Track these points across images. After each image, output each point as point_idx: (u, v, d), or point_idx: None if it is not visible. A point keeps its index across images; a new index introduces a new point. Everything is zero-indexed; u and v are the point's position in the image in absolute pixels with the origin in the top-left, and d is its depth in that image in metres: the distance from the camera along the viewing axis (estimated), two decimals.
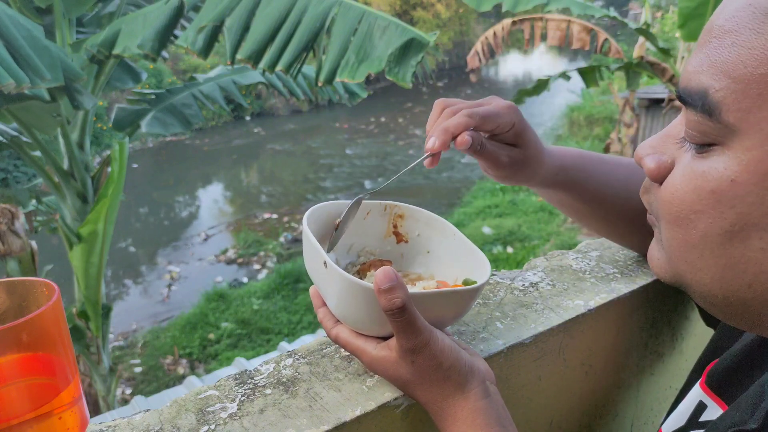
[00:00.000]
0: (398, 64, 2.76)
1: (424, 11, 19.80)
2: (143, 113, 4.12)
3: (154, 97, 4.30)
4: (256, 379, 0.60)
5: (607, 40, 4.98)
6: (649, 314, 0.82)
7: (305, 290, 6.72)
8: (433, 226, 0.69)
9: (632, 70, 5.35)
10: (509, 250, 7.31)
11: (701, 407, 0.55)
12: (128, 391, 5.53)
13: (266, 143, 13.50)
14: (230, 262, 7.98)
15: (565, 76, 5.37)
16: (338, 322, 0.59)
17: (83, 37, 3.72)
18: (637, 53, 5.57)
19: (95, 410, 3.91)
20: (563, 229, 7.69)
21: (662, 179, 0.46)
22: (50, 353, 0.46)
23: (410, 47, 2.78)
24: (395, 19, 2.93)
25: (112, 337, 6.19)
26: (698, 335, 0.90)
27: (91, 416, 1.32)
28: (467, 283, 0.62)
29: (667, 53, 5.33)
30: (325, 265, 0.55)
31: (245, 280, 7.47)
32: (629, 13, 18.46)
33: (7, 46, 2.57)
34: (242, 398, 0.57)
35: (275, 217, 9.27)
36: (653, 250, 0.51)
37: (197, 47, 2.87)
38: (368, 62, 2.78)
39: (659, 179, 0.47)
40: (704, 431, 0.50)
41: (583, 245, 0.92)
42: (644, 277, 0.80)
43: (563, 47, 5.20)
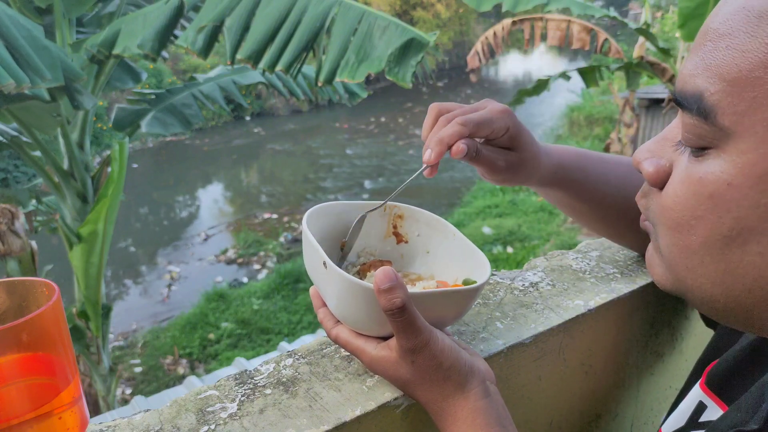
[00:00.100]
0: (398, 64, 2.76)
1: (424, 11, 19.80)
2: (143, 113, 4.12)
3: (154, 97, 4.30)
4: (256, 379, 0.60)
5: (607, 40, 4.98)
6: (649, 314, 0.82)
7: (305, 290, 6.72)
8: (432, 226, 0.69)
9: (632, 70, 5.35)
10: (509, 250, 7.31)
11: (701, 407, 0.55)
12: (128, 391, 5.53)
13: (266, 143, 13.50)
14: (230, 262, 7.98)
15: (565, 76, 5.37)
16: (338, 322, 0.59)
17: (83, 37, 3.72)
18: (637, 53, 5.57)
19: (95, 410, 3.91)
20: (563, 229, 7.69)
21: (661, 183, 0.46)
22: (50, 353, 0.46)
23: (410, 47, 2.78)
24: (395, 19, 2.93)
25: (112, 337, 6.19)
26: (698, 335, 0.90)
27: (91, 416, 1.32)
28: (467, 283, 0.62)
29: (667, 53, 5.33)
30: (324, 265, 0.55)
31: (245, 280, 7.47)
32: (629, 13, 18.46)
33: (7, 46, 2.57)
34: (242, 398, 0.57)
35: (275, 217, 9.27)
36: (652, 258, 0.51)
37: (197, 47, 2.87)
38: (368, 62, 2.78)
39: (658, 184, 0.47)
40: None
41: (583, 245, 0.92)
42: (644, 277, 0.80)
43: (563, 47, 5.20)
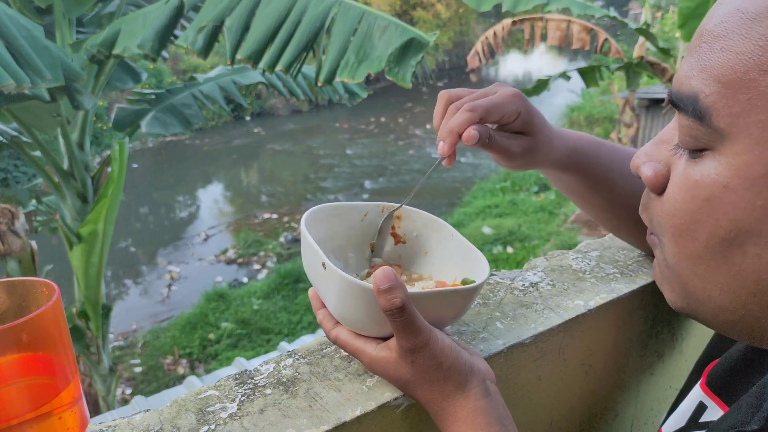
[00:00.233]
0: (398, 64, 2.76)
1: (424, 11, 19.80)
2: (143, 113, 4.12)
3: (154, 97, 4.30)
4: (256, 379, 0.60)
5: (607, 40, 4.98)
6: (649, 314, 0.82)
7: (305, 290, 6.71)
8: (430, 226, 0.69)
9: (632, 70, 5.35)
10: (509, 250, 7.31)
11: (701, 408, 0.55)
12: (128, 391, 5.53)
13: (266, 143, 13.50)
14: (230, 262, 7.98)
15: (565, 76, 5.37)
16: (338, 323, 0.59)
17: (83, 37, 3.72)
18: (637, 53, 5.57)
19: (95, 410, 3.91)
20: (563, 229, 7.68)
21: (660, 188, 0.46)
22: (50, 353, 0.46)
23: (410, 47, 2.78)
24: (395, 19, 2.93)
25: (112, 337, 6.19)
26: (698, 335, 0.90)
27: (91, 416, 1.31)
28: (466, 282, 0.62)
29: (667, 53, 5.33)
30: (323, 266, 0.54)
31: (245, 280, 7.47)
32: (629, 13, 18.45)
33: (7, 46, 2.57)
34: (242, 398, 0.57)
35: (275, 217, 9.26)
36: (660, 272, 0.51)
37: (197, 47, 2.87)
38: (368, 62, 2.78)
39: (657, 188, 0.47)
40: None
41: (583, 245, 0.92)
42: (644, 277, 0.80)
43: (563, 47, 5.20)
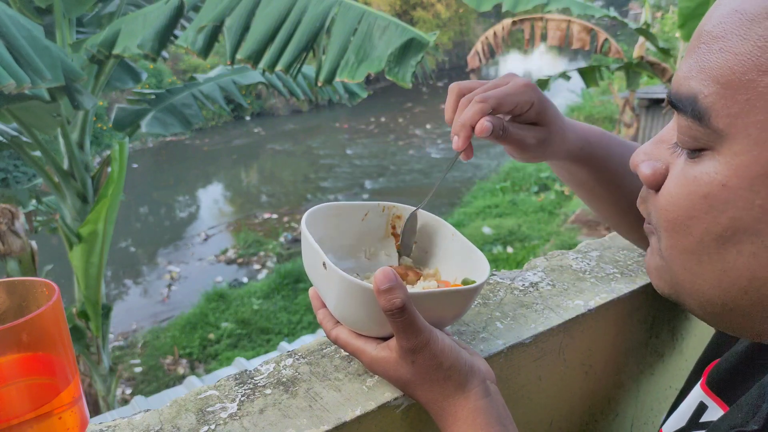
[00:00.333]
0: (398, 64, 2.76)
1: (424, 11, 19.80)
2: (143, 113, 4.12)
3: (154, 97, 4.30)
4: (256, 379, 0.60)
5: (607, 40, 4.98)
6: (649, 314, 0.82)
7: (305, 290, 6.71)
8: (431, 226, 0.69)
9: (632, 70, 5.35)
10: (509, 250, 7.30)
11: (702, 408, 0.55)
12: (128, 391, 5.53)
13: (266, 143, 13.50)
14: (230, 262, 7.98)
15: (565, 76, 5.37)
16: (338, 323, 0.59)
17: (83, 37, 3.72)
18: (637, 53, 5.57)
19: (95, 410, 3.91)
20: (563, 229, 7.68)
21: (658, 185, 0.47)
22: (50, 353, 0.46)
23: (410, 47, 2.78)
24: (395, 19, 2.93)
25: (112, 337, 6.19)
26: (698, 335, 0.90)
27: (91, 416, 1.32)
28: (466, 282, 0.62)
29: (667, 53, 5.33)
30: (324, 266, 0.55)
31: (245, 280, 7.47)
32: (629, 13, 18.45)
33: (7, 46, 2.57)
34: (242, 398, 0.57)
35: (275, 217, 9.26)
36: (652, 260, 0.51)
37: (197, 47, 2.87)
38: (368, 62, 2.78)
39: (655, 185, 0.47)
40: None
41: (583, 245, 0.92)
42: (644, 277, 0.80)
43: (563, 47, 5.20)
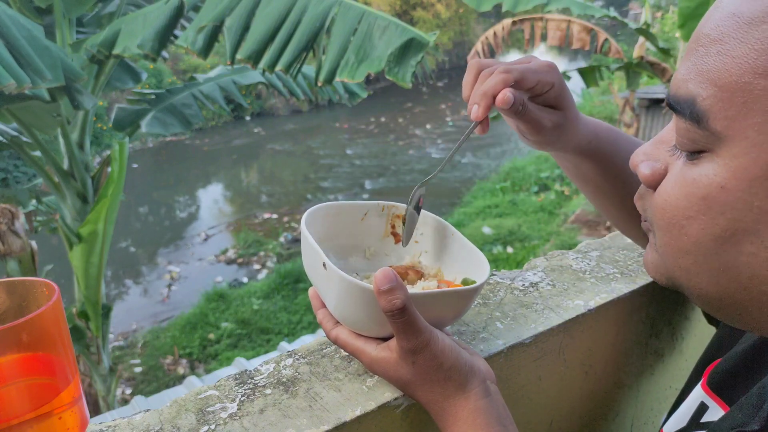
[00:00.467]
0: (398, 64, 2.76)
1: (424, 11, 19.80)
2: (143, 113, 4.12)
3: (154, 97, 4.30)
4: (256, 379, 0.60)
5: (607, 40, 4.98)
6: (649, 314, 0.82)
7: (305, 290, 6.71)
8: (431, 226, 0.69)
9: (632, 70, 5.35)
10: (509, 250, 7.31)
11: (702, 408, 0.55)
12: (128, 391, 5.53)
13: (266, 143, 13.50)
14: (230, 262, 7.98)
15: (565, 76, 5.35)
16: (338, 323, 0.59)
17: (83, 37, 3.72)
18: (637, 53, 5.57)
19: (95, 410, 3.91)
20: (563, 229, 7.68)
21: (656, 185, 0.47)
22: (50, 353, 0.46)
23: (410, 47, 2.78)
24: (395, 19, 2.93)
25: (112, 337, 6.19)
26: (698, 335, 0.90)
27: (91, 416, 1.32)
28: (466, 282, 0.62)
29: (667, 53, 5.33)
30: (324, 266, 0.54)
31: (245, 280, 7.47)
32: (629, 13, 18.45)
33: (7, 46, 2.57)
34: (242, 398, 0.57)
35: (275, 217, 9.26)
36: (649, 254, 0.51)
37: (197, 47, 2.87)
38: (368, 62, 2.78)
39: (654, 185, 0.47)
40: None
41: (583, 245, 0.92)
42: (644, 277, 0.80)
43: (563, 47, 5.19)
